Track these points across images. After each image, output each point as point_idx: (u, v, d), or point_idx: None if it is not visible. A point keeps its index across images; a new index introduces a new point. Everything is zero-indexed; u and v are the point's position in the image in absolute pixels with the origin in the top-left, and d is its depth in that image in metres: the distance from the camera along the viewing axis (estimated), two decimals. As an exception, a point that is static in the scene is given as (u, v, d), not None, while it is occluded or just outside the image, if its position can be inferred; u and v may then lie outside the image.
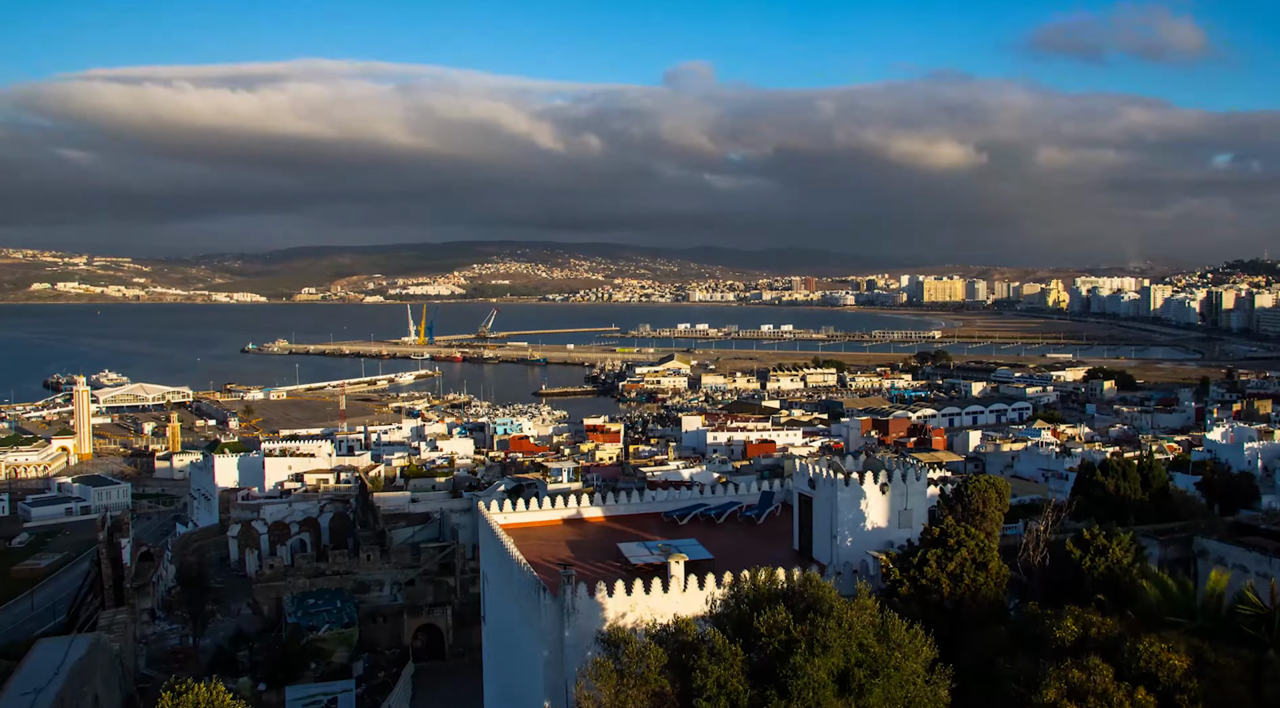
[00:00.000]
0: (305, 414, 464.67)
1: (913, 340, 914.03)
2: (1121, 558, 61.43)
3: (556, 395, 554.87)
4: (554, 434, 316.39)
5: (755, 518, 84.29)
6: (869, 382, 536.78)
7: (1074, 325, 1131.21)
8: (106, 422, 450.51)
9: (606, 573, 64.71)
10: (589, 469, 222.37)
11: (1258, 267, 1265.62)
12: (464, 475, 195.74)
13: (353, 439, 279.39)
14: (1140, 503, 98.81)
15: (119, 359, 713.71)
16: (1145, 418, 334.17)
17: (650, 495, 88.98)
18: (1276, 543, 70.21)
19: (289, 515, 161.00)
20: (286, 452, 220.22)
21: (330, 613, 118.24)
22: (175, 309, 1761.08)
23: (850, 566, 65.12)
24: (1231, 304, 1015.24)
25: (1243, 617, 51.42)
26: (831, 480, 68.91)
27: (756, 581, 49.84)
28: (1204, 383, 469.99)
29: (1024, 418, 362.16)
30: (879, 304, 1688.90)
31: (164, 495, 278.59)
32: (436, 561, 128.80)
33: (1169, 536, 77.08)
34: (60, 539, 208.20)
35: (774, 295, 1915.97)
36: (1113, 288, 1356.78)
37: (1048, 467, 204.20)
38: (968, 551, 57.82)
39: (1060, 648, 47.59)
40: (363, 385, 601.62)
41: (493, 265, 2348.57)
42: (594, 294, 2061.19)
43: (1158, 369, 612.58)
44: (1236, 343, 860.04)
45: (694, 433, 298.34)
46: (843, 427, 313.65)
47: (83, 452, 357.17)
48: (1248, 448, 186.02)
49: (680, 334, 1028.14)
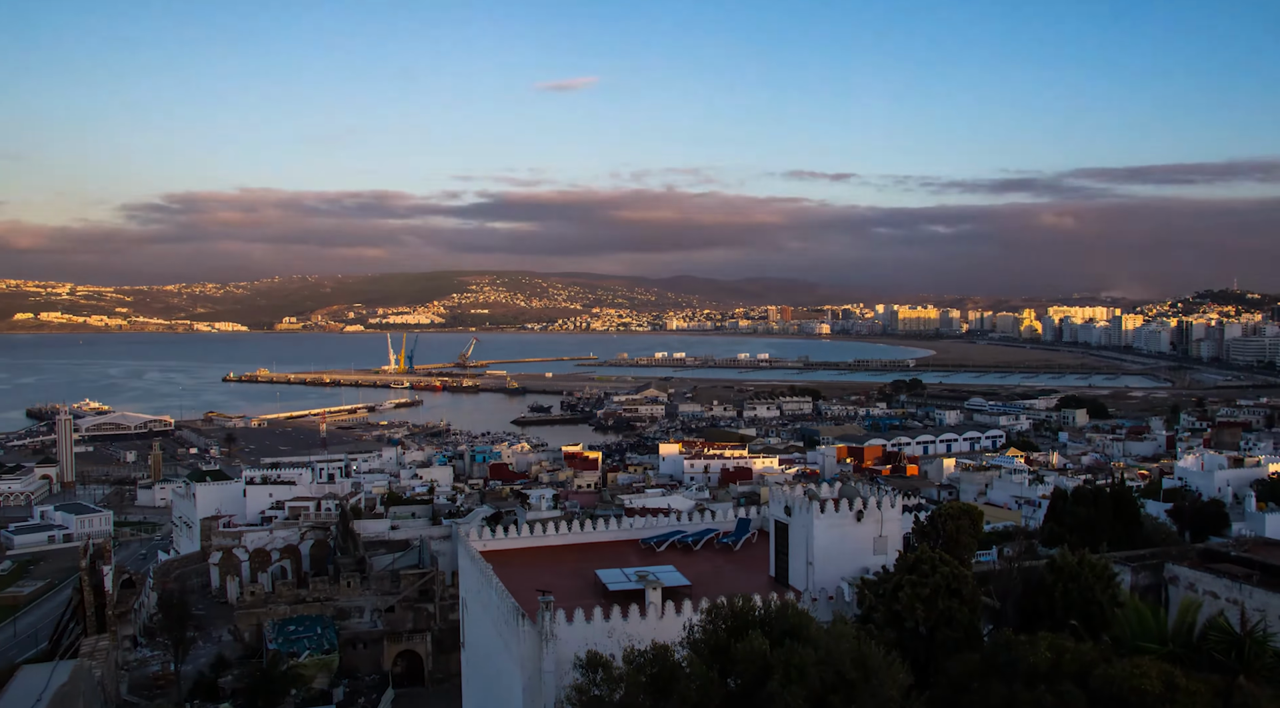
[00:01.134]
0: (286, 442, 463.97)
1: (888, 368, 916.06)
2: (1094, 585, 61.46)
3: (535, 423, 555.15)
4: (533, 462, 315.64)
5: (732, 545, 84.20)
6: (844, 409, 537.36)
7: (1047, 354, 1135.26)
8: (89, 450, 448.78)
9: (585, 599, 64.58)
10: (567, 496, 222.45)
11: (1227, 296, 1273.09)
12: (443, 503, 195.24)
13: (333, 467, 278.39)
14: (1112, 530, 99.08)
15: (101, 388, 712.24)
16: (1117, 446, 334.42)
17: (628, 522, 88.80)
18: (1246, 570, 70.24)
19: (270, 543, 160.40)
20: (267, 479, 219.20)
21: (311, 639, 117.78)
22: (157, 338, 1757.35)
23: (826, 592, 65.04)
24: (1202, 333, 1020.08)
25: (1213, 643, 51.41)
26: (807, 507, 68.85)
27: (733, 607, 49.77)
28: (1175, 411, 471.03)
29: (997, 446, 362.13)
30: (854, 333, 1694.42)
31: (146, 523, 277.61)
32: (416, 587, 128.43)
33: (1140, 562, 77.09)
34: (43, 566, 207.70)
35: (750, 324, 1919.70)
36: (1085, 317, 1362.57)
37: (1021, 494, 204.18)
38: (942, 577, 57.75)
39: (1034, 674, 47.50)
40: (343, 413, 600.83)
41: (472, 294, 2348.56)
42: (572, 323, 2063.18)
43: (1129, 398, 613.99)
44: (1207, 371, 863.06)
45: (671, 460, 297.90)
46: (818, 454, 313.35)
47: (66, 480, 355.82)
48: (1218, 476, 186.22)
49: (658, 362, 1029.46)
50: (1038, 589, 63.79)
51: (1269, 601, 64.54)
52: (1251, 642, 50.46)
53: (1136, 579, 74.50)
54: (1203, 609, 59.27)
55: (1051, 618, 60.58)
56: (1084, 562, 62.92)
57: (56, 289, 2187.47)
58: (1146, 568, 76.30)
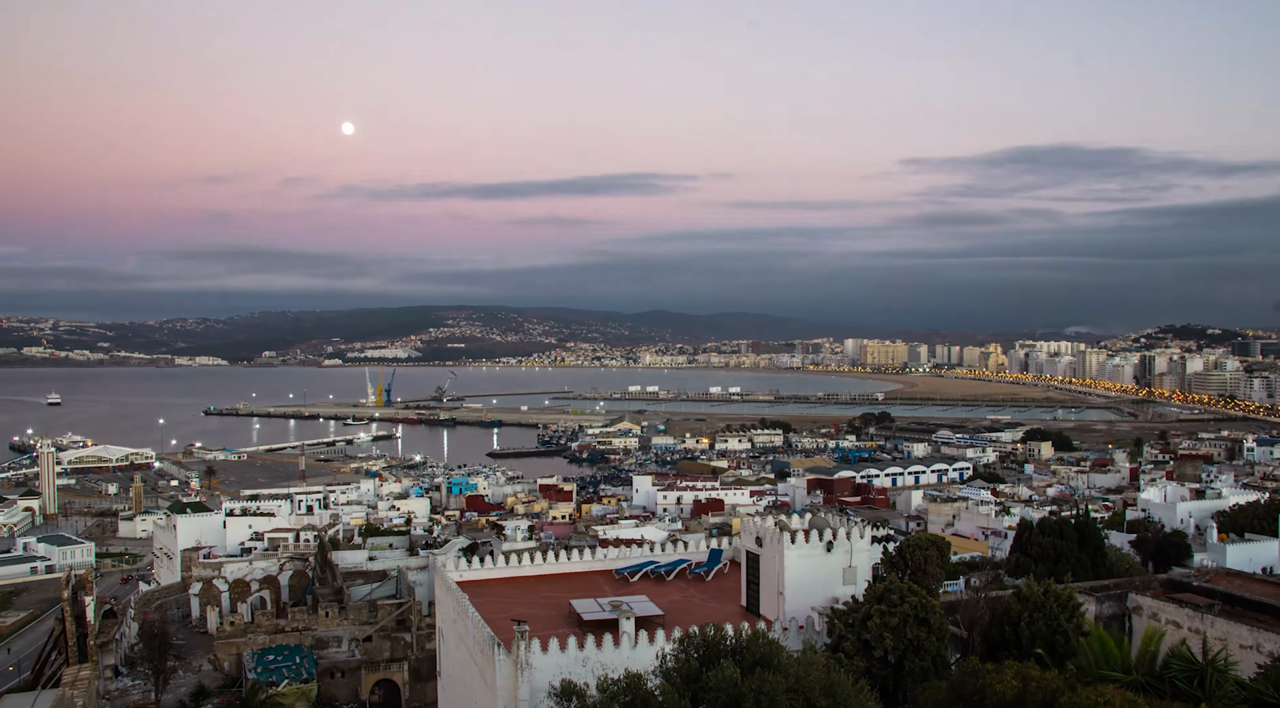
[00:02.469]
0: (266, 475, 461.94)
1: (857, 402, 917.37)
2: (1059, 614, 61.61)
3: (511, 456, 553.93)
4: (508, 494, 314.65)
5: (704, 575, 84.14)
6: (814, 442, 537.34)
7: (1012, 388, 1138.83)
8: (71, 483, 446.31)
9: (559, 629, 64.47)
10: (542, 527, 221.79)
11: (1189, 332, 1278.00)
12: (420, 534, 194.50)
13: (312, 499, 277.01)
14: (1077, 560, 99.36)
15: (83, 421, 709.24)
16: (1081, 478, 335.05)
17: (601, 553, 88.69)
18: (1208, 600, 70.41)
19: (249, 573, 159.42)
20: (247, 511, 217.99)
21: (290, 668, 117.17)
22: (138, 372, 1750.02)
23: (796, 621, 64.98)
24: (1165, 367, 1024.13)
25: (1176, 672, 51.58)
26: (778, 538, 68.85)
27: (705, 636, 49.74)
28: (1138, 444, 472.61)
29: (964, 477, 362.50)
30: (823, 366, 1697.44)
31: (127, 554, 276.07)
32: (393, 617, 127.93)
33: (1104, 592, 77.20)
34: (25, 597, 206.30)
35: (722, 359, 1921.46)
36: (1050, 352, 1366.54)
37: (987, 525, 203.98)
38: (910, 607, 57.82)
39: (1000, 702, 47.56)
40: (322, 447, 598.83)
41: (448, 329, 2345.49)
42: (547, 357, 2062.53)
43: (1093, 430, 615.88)
44: (1169, 405, 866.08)
45: (645, 492, 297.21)
46: (789, 486, 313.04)
47: (48, 512, 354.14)
48: (1180, 507, 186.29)
49: (631, 396, 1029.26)
50: (1004, 619, 63.90)
51: (1230, 630, 64.68)
52: (1213, 671, 50.66)
53: (1101, 609, 74.61)
54: (1165, 639, 59.44)
55: (1017, 647, 60.71)
56: (1049, 592, 63.08)
57: (39, 323, 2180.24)
58: (1110, 598, 76.41)
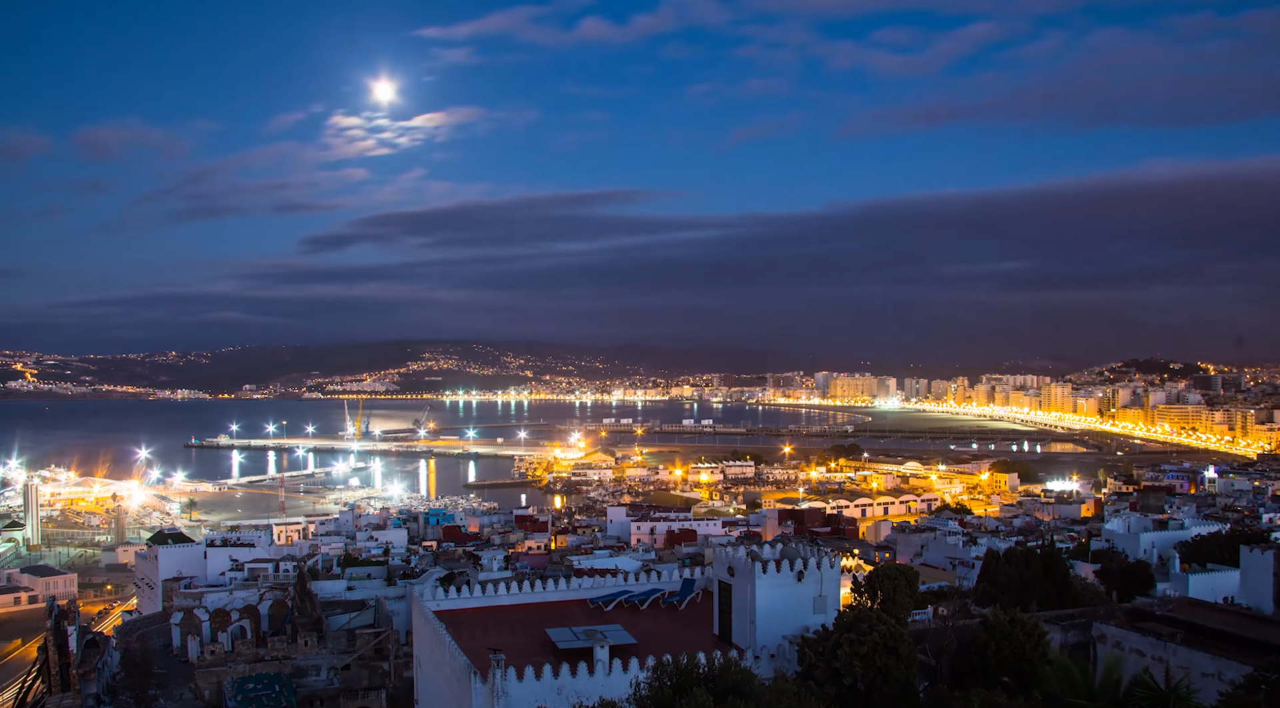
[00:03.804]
0: (246, 506, 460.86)
1: (827, 434, 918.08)
2: (1025, 643, 61.69)
3: (487, 487, 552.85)
4: (484, 525, 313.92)
5: (677, 604, 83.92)
6: (786, 473, 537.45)
7: (979, 421, 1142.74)
8: (55, 514, 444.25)
9: (535, 657, 64.16)
10: (518, 557, 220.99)
11: (1152, 365, 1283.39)
12: (398, 564, 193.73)
13: (291, 529, 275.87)
14: (1043, 590, 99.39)
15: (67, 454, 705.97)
16: (1047, 508, 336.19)
17: (576, 583, 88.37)
18: (1171, 629, 70.55)
19: (230, 603, 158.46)
20: (228, 542, 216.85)
21: (269, 697, 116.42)
22: (121, 405, 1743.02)
23: (768, 650, 64.85)
24: (1128, 400, 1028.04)
25: (1139, 699, 51.66)
26: (750, 568, 68.74)
27: (678, 664, 49.65)
28: (1102, 475, 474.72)
29: (932, 508, 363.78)
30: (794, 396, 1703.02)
31: (108, 585, 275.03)
32: (371, 646, 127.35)
33: (1070, 621, 77.33)
34: (8, 627, 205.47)
35: (695, 391, 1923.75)
36: (1016, 384, 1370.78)
37: (955, 555, 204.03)
38: (879, 635, 57.80)
39: (968, 729, 47.58)
40: (301, 478, 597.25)
41: (425, 362, 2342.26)
42: (524, 389, 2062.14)
43: (1059, 462, 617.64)
44: (1132, 438, 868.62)
45: (619, 523, 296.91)
46: (760, 516, 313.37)
47: (32, 543, 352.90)
48: (1144, 538, 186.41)
49: (605, 428, 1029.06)
50: (971, 647, 63.94)
51: (1192, 659, 64.82)
52: (1175, 698, 50.76)
53: (1066, 638, 74.71)
54: (1129, 667, 59.63)
55: (984, 675, 60.74)
56: (1015, 621, 63.15)
57: (24, 356, 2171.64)
58: (1075, 627, 76.53)
